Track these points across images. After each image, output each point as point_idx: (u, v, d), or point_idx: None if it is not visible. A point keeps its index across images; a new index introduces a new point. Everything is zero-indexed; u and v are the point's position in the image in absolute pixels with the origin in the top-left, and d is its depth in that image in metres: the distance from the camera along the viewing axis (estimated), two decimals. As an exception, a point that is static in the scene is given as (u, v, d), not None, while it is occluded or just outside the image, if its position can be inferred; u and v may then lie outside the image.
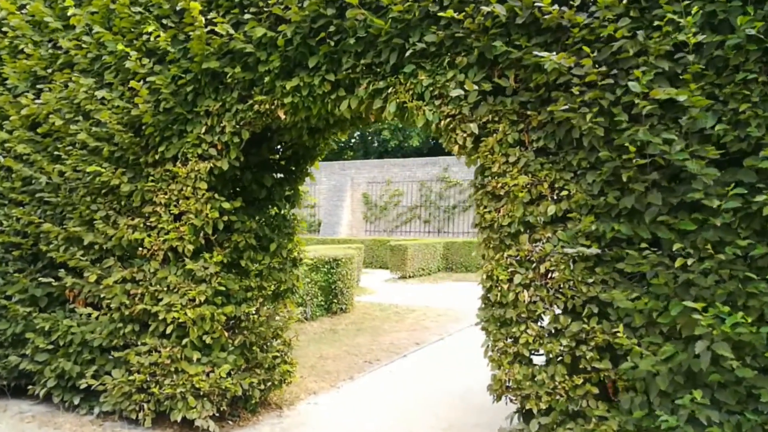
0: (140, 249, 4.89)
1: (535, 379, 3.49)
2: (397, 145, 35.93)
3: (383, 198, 29.28)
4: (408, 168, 28.98)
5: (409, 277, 17.96)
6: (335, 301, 10.67)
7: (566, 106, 3.21)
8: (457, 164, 27.89)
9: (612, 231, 3.19)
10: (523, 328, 3.53)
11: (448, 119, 3.75)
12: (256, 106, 4.45)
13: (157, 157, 4.83)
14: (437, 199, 27.91)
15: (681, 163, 2.93)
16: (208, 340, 4.74)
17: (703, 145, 2.93)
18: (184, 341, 4.72)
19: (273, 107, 4.42)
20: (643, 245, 3.07)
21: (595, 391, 3.33)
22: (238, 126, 4.57)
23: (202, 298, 4.68)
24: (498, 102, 3.60)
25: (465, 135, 3.69)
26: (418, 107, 3.83)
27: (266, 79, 4.33)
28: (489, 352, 3.66)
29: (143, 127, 4.79)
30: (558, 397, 3.41)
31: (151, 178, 4.87)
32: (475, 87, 3.52)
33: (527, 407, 3.51)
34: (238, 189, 5.34)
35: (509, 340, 3.59)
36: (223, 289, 4.84)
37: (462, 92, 3.53)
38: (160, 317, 4.76)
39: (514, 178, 3.51)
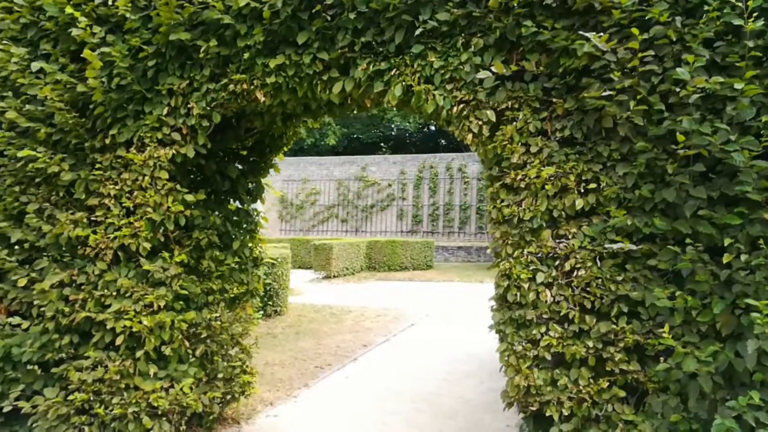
0: (83, 248, 4.21)
1: (557, 383, 3.28)
2: (313, 144, 35.29)
3: (299, 197, 28.60)
4: (325, 167, 28.51)
5: (334, 276, 17.55)
6: (270, 303, 10.10)
7: (605, 93, 3.02)
8: (374, 164, 27.79)
9: (648, 226, 3.04)
10: (543, 329, 3.30)
11: (461, 105, 3.46)
12: (231, 86, 3.94)
13: (107, 141, 4.17)
14: (355, 198, 27.66)
15: (723, 156, 2.82)
16: (167, 351, 4.16)
17: (745, 137, 2.83)
18: (138, 353, 4.11)
19: (251, 88, 3.93)
20: (687, 240, 2.93)
21: (622, 394, 3.17)
22: (208, 108, 4.03)
23: (162, 304, 4.10)
24: (518, 88, 3.36)
25: (481, 123, 3.42)
26: (427, 91, 3.51)
27: (245, 55, 3.84)
28: (505, 357, 3.41)
29: (90, 107, 4.12)
30: (582, 402, 3.22)
31: (98, 165, 4.20)
32: (505, 70, 3.26)
33: (547, 414, 3.29)
34: (197, 180, 4.75)
35: (528, 343, 3.36)
36: (184, 292, 4.26)
37: (489, 74, 3.25)
38: (108, 326, 4.11)
39: (536, 170, 3.29)
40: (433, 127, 38.70)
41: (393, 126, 37.48)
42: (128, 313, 4.09)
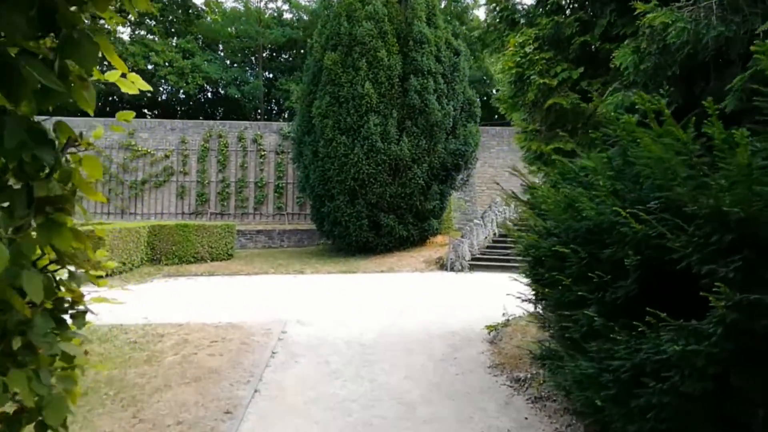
0: None
1: None
2: (62, 105, 28.00)
3: (41, 168, 22.01)
4: (79, 130, 22.33)
5: (107, 275, 12.88)
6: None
7: None
8: (146, 129, 22.62)
9: None
10: None
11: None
12: None
13: None
14: (120, 172, 22.23)
15: None
16: None
17: None
18: None
19: None
20: None
21: None
22: None
23: None
24: None
25: None
26: None
27: None
28: None
29: None
30: None
31: None
32: None
33: None
34: None
35: None
36: None
37: None
38: None
39: None
40: (210, 93, 34.03)
41: (164, 87, 31.83)
42: None
